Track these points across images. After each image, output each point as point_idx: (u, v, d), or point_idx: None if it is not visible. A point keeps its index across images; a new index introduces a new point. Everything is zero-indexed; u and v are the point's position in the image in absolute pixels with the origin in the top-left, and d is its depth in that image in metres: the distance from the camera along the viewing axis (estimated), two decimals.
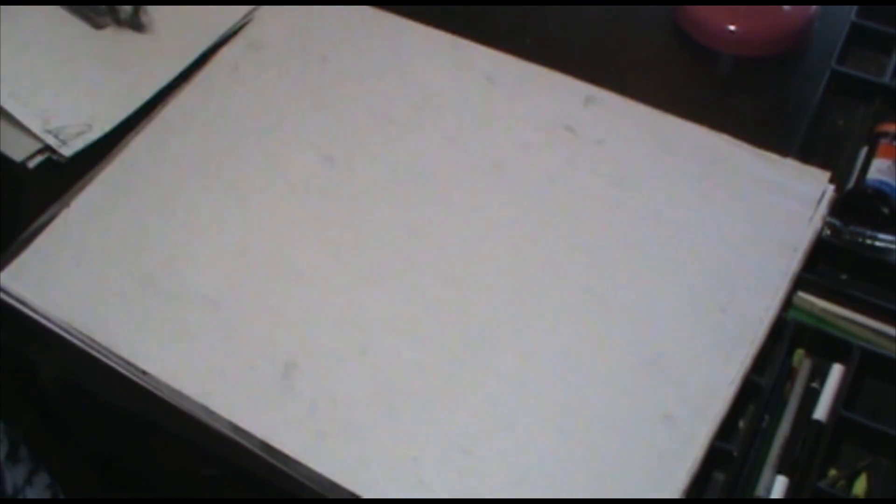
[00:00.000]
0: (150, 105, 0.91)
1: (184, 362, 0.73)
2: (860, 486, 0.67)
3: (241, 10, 0.98)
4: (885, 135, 0.83)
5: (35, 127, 0.88)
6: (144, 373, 0.73)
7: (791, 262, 0.76)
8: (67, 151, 0.87)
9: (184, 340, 0.75)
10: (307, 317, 0.75)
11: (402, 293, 0.76)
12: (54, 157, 0.88)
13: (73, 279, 0.78)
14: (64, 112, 0.90)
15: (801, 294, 0.76)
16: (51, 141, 0.87)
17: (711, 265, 0.77)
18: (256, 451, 0.70)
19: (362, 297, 0.76)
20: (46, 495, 0.90)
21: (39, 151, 0.88)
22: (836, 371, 0.71)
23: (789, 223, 0.79)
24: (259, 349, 0.73)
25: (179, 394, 0.72)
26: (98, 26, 0.97)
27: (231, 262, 0.79)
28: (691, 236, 0.79)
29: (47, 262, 0.80)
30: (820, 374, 0.72)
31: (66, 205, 0.83)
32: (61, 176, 0.86)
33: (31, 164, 0.88)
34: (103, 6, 0.96)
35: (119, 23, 0.96)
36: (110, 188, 0.85)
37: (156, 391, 0.73)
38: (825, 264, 0.79)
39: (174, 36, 0.96)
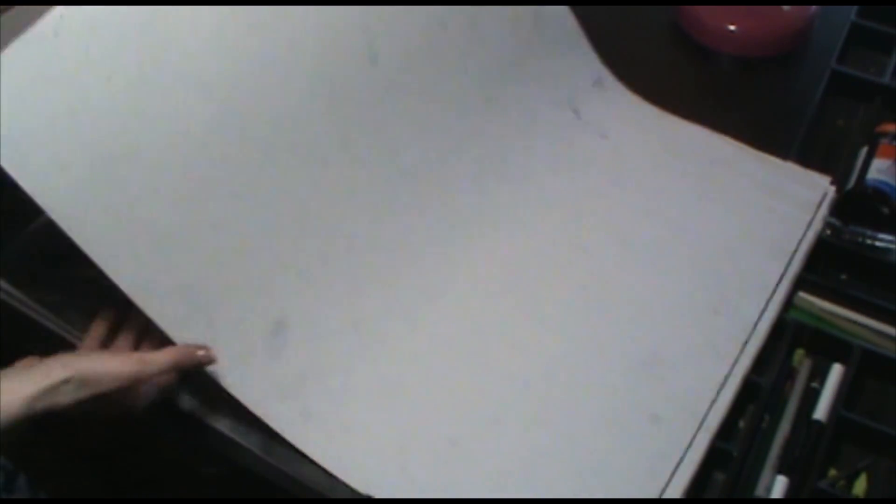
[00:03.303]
0: None
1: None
2: (860, 486, 0.67)
3: None
4: (885, 135, 0.83)
5: None
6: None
7: (786, 266, 0.76)
8: None
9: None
10: (303, 276, 0.71)
11: (398, 279, 0.75)
12: None
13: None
14: None
15: (801, 294, 0.76)
16: None
17: (707, 266, 0.77)
18: (256, 451, 0.70)
19: (360, 272, 0.73)
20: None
21: None
22: (836, 371, 0.71)
23: (787, 227, 0.79)
24: (250, 303, 0.68)
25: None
26: None
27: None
28: (688, 237, 0.79)
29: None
30: (820, 374, 0.72)
31: None
32: None
33: None
34: None
35: None
36: None
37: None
38: (825, 264, 0.79)
39: None
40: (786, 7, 0.96)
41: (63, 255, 0.80)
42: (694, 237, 0.79)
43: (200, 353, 0.64)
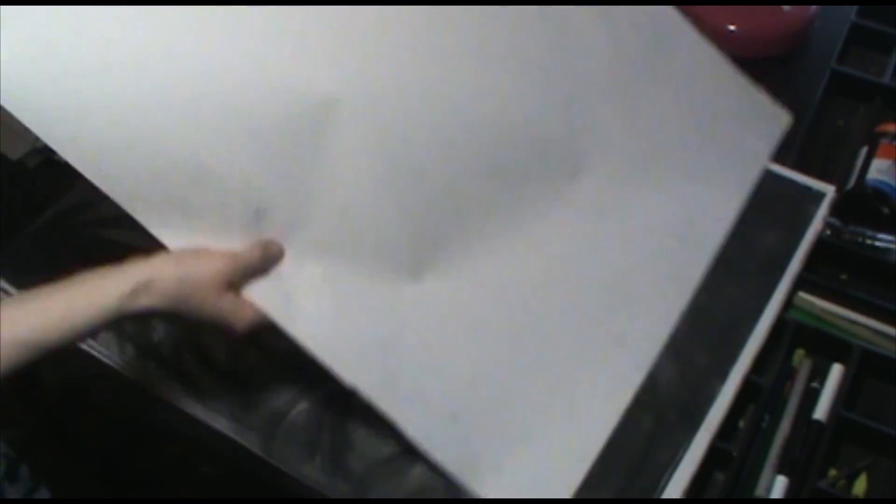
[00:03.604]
0: None
1: None
2: (860, 486, 0.67)
3: None
4: (885, 135, 0.83)
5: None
6: None
7: (745, 199, 0.78)
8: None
9: None
10: (285, 162, 0.64)
11: (391, 166, 0.68)
12: (55, 156, 0.88)
13: None
14: None
15: (801, 294, 0.76)
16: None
17: (675, 191, 0.77)
18: (256, 451, 0.70)
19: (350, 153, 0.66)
20: (27, 489, 0.89)
21: (37, 151, 0.88)
22: (836, 371, 0.71)
23: (748, 159, 0.80)
24: (228, 190, 0.62)
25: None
26: None
27: None
28: (661, 157, 0.78)
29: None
30: (820, 374, 0.72)
31: None
32: (62, 176, 0.86)
33: (31, 163, 0.88)
34: None
35: None
36: None
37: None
38: (825, 264, 0.79)
39: None
40: (786, 7, 0.96)
41: (63, 254, 0.80)
42: (666, 158, 0.78)
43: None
